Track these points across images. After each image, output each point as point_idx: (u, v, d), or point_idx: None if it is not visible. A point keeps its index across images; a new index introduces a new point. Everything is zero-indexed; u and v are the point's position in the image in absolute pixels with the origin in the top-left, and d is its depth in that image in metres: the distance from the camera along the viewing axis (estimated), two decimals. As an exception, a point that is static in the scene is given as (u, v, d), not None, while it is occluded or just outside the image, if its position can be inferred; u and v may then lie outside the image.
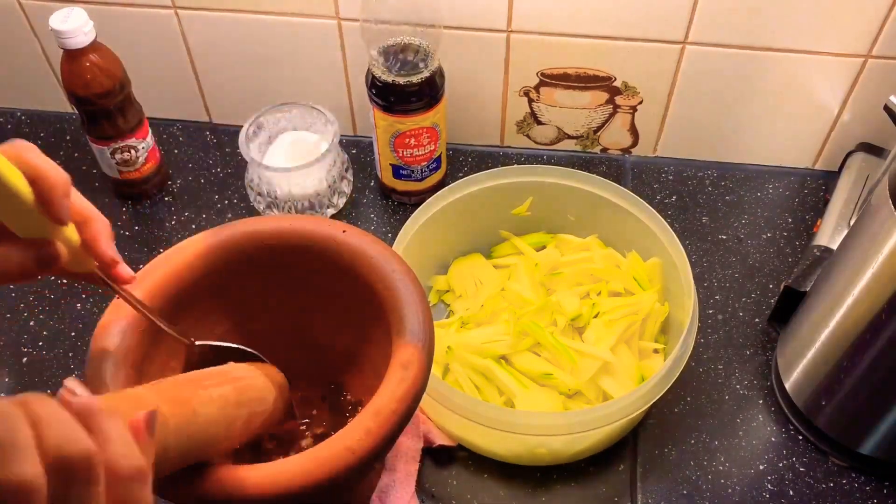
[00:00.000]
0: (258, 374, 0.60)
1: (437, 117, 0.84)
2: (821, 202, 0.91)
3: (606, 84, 0.89)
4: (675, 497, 0.71)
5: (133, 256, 0.88)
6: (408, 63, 0.80)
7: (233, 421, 0.54)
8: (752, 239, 0.89)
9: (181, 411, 0.48)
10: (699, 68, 0.86)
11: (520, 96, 0.92)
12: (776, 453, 0.74)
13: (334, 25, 0.87)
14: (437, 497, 0.72)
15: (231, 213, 0.92)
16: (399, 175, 0.89)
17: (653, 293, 0.77)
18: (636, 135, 0.94)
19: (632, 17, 0.82)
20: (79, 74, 0.81)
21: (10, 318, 0.83)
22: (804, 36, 0.82)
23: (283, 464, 0.52)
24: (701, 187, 0.93)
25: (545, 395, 0.73)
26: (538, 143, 0.97)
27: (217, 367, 0.58)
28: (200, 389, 0.52)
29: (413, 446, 0.72)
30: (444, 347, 0.74)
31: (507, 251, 0.85)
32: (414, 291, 0.60)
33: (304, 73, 0.93)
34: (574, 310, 0.76)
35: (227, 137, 0.99)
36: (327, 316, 0.69)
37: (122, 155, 0.88)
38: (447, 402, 0.66)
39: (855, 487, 0.72)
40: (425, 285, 0.82)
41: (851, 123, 0.89)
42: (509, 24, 0.84)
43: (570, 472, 0.73)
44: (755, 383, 0.78)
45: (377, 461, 0.65)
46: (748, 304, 0.84)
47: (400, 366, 0.56)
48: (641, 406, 0.66)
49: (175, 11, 0.88)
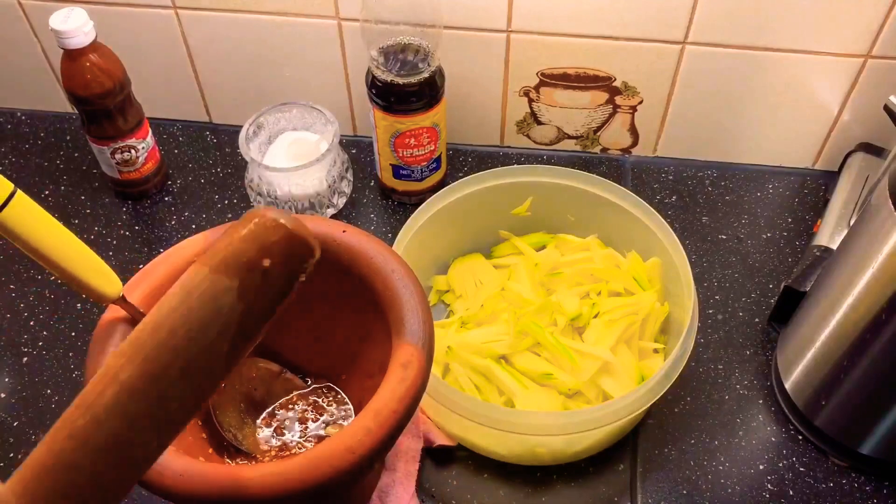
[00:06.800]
0: (169, 304, 0.41)
1: (437, 117, 0.84)
2: (821, 202, 0.91)
3: (606, 84, 0.89)
4: (675, 497, 0.71)
5: (133, 256, 0.88)
6: (408, 63, 0.80)
7: (165, 397, 0.40)
8: (752, 239, 0.89)
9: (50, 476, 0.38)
10: (699, 68, 0.86)
11: (520, 96, 0.92)
12: (776, 453, 0.74)
13: (334, 25, 0.87)
14: (437, 497, 0.72)
15: (231, 213, 0.92)
16: (399, 175, 0.89)
17: (653, 293, 0.77)
18: (636, 135, 0.94)
19: (632, 17, 0.82)
20: (79, 74, 0.81)
21: (10, 318, 0.83)
22: (804, 36, 0.82)
23: (283, 464, 0.52)
24: (701, 187, 0.94)
25: (545, 395, 0.73)
26: (538, 143, 0.97)
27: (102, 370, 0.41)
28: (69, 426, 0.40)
29: (413, 446, 0.72)
30: (444, 347, 0.74)
31: (507, 251, 0.85)
32: (414, 291, 0.60)
33: (304, 73, 0.93)
34: (574, 310, 0.76)
35: (227, 137, 0.99)
36: (327, 316, 0.69)
37: (122, 155, 0.88)
38: (447, 402, 0.66)
39: (855, 487, 0.72)
40: (425, 285, 0.82)
41: (851, 123, 0.89)
42: (509, 24, 0.84)
43: (570, 472, 0.73)
44: (755, 383, 0.78)
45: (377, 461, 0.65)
46: (748, 304, 0.84)
47: (400, 366, 0.56)
48: (641, 406, 0.66)
49: (175, 11, 0.88)
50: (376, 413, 0.54)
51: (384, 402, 0.54)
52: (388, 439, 0.53)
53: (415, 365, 0.56)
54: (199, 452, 0.65)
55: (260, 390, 0.70)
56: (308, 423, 0.70)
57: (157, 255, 0.63)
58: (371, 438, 0.53)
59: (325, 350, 0.71)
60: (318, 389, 0.72)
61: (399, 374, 0.56)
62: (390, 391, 0.55)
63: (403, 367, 0.56)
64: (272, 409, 0.71)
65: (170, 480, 0.51)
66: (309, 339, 0.71)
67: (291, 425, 0.70)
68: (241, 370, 0.69)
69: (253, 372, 0.70)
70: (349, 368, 0.71)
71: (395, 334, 0.59)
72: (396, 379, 0.55)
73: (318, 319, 0.70)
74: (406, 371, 0.56)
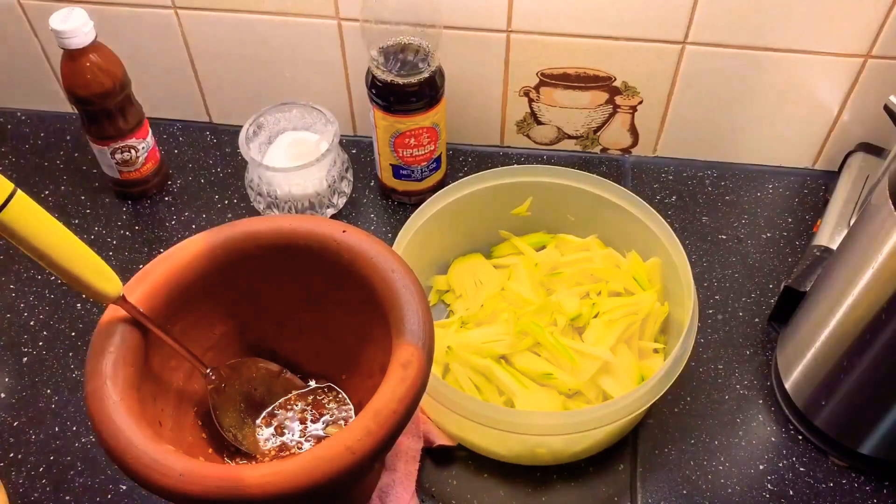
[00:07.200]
0: None
1: (436, 117, 0.84)
2: (821, 202, 0.91)
3: (606, 84, 0.89)
4: (675, 497, 0.71)
5: (133, 256, 0.88)
6: (408, 63, 0.80)
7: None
8: (752, 239, 0.89)
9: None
10: (699, 68, 0.86)
11: (520, 96, 0.92)
12: (776, 453, 0.74)
13: (334, 25, 0.87)
14: (437, 497, 0.72)
15: (231, 213, 0.92)
16: (399, 175, 0.89)
17: (653, 293, 0.77)
18: (636, 135, 0.94)
19: (632, 17, 0.82)
20: (79, 74, 0.81)
21: (10, 318, 0.83)
22: (804, 36, 0.82)
23: (283, 464, 0.52)
24: (701, 187, 0.94)
25: (545, 395, 0.73)
26: (538, 143, 0.97)
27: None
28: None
29: (413, 446, 0.72)
30: (444, 347, 0.74)
31: (507, 251, 0.85)
32: (414, 291, 0.60)
33: (304, 73, 0.93)
34: (574, 310, 0.76)
35: (227, 137, 0.99)
36: (327, 316, 0.69)
37: (122, 155, 0.88)
38: (447, 402, 0.66)
39: (855, 487, 0.72)
40: (425, 285, 0.82)
41: (851, 123, 0.89)
42: (509, 24, 0.84)
43: (570, 472, 0.73)
44: (755, 383, 0.78)
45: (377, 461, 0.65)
46: (748, 304, 0.84)
47: (400, 366, 0.56)
48: (641, 406, 0.66)
49: (175, 11, 0.88)
50: (376, 413, 0.54)
51: (384, 402, 0.54)
52: (388, 439, 0.53)
53: (415, 365, 0.56)
54: (199, 452, 0.65)
55: (260, 390, 0.70)
56: (308, 423, 0.70)
57: (157, 255, 0.63)
58: (371, 438, 0.53)
59: (326, 350, 0.71)
60: (318, 389, 0.72)
61: (399, 374, 0.56)
62: (390, 391, 0.55)
63: (403, 367, 0.56)
64: (272, 409, 0.71)
65: (170, 480, 0.51)
66: (309, 339, 0.71)
67: (291, 425, 0.70)
68: (242, 370, 0.69)
69: (253, 372, 0.70)
70: (349, 368, 0.71)
71: (395, 334, 0.59)
72: (396, 379, 0.55)
73: (319, 319, 0.70)
74: (406, 371, 0.56)
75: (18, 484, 0.72)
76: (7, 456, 0.74)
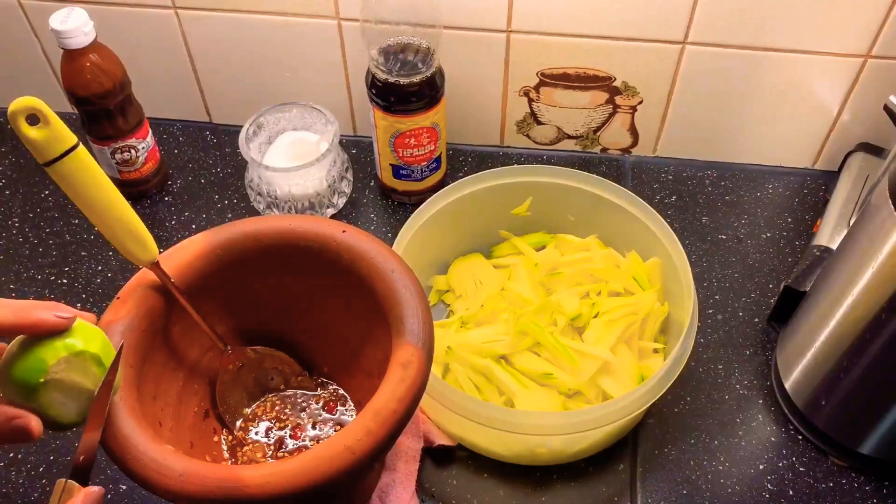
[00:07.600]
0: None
1: (436, 117, 0.84)
2: (820, 202, 0.91)
3: (606, 84, 0.89)
4: (675, 497, 0.71)
5: (133, 256, 0.88)
6: (408, 63, 0.80)
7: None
8: (751, 239, 0.89)
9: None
10: (699, 68, 0.86)
11: (520, 96, 0.92)
12: (776, 453, 0.74)
13: (334, 25, 0.87)
14: (437, 497, 0.72)
15: (231, 213, 0.92)
16: (399, 175, 0.89)
17: (652, 293, 0.77)
18: (636, 135, 0.94)
19: (632, 17, 0.82)
20: (79, 74, 0.81)
21: (10, 318, 0.83)
22: (804, 36, 0.82)
23: (283, 464, 0.52)
24: (701, 187, 0.94)
25: (545, 395, 0.73)
26: (538, 143, 0.97)
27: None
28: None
29: (413, 446, 0.72)
30: (444, 347, 0.74)
31: (507, 251, 0.85)
32: (414, 291, 0.60)
33: (304, 73, 0.93)
34: (574, 310, 0.76)
35: (227, 137, 0.99)
36: (327, 316, 0.69)
37: (122, 155, 0.88)
38: (447, 402, 0.66)
39: (855, 487, 0.72)
40: (425, 285, 0.82)
41: (851, 123, 0.89)
42: (509, 24, 0.84)
43: (570, 472, 0.73)
44: (755, 383, 0.78)
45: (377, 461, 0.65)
46: (748, 304, 0.84)
47: (400, 366, 0.56)
48: (641, 406, 0.66)
49: (175, 11, 0.88)
50: (376, 413, 0.54)
51: (384, 402, 0.54)
52: (388, 439, 0.54)
53: (415, 365, 0.56)
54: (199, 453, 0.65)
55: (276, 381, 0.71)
56: (308, 423, 0.70)
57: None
58: (371, 438, 0.53)
59: (326, 350, 0.71)
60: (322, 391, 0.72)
61: (399, 374, 0.56)
62: (390, 391, 0.55)
63: (403, 367, 0.56)
64: (274, 409, 0.71)
65: (170, 480, 0.51)
66: (309, 338, 0.71)
67: (292, 425, 0.70)
68: (265, 359, 0.70)
69: (277, 364, 0.71)
70: (349, 368, 0.71)
71: (395, 334, 0.59)
72: (396, 379, 0.56)
73: (319, 319, 0.70)
74: (406, 371, 0.56)
75: (18, 484, 0.72)
76: (7, 456, 0.74)
